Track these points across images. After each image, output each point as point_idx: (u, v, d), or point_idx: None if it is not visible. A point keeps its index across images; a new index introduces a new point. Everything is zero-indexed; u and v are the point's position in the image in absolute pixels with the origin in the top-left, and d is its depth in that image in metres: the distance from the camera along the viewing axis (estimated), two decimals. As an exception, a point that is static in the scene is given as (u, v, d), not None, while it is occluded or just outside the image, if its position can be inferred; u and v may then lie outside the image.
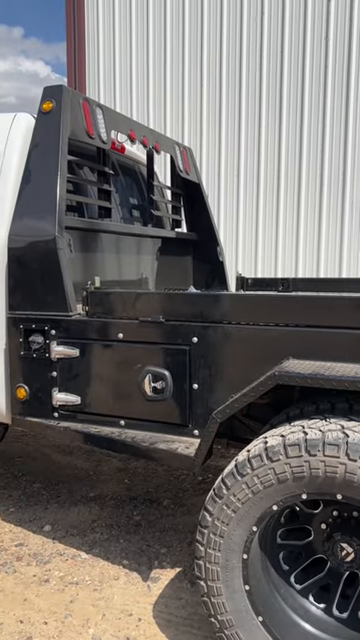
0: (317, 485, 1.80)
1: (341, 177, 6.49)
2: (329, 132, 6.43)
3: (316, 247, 6.83)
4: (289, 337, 2.17)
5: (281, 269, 7.05)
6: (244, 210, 6.94)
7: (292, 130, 6.56)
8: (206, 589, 1.97)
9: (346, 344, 2.06)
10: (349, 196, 6.51)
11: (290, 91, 6.53)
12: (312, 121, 6.51)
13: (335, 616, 2.00)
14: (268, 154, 6.73)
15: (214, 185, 6.97)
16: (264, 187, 6.81)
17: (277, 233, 6.88)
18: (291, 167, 6.66)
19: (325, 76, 6.39)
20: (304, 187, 6.62)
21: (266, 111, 6.62)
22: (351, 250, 6.65)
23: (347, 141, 6.42)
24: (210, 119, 6.88)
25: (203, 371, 2.35)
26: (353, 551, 1.96)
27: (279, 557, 2.08)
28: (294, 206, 6.73)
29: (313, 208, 6.66)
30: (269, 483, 1.85)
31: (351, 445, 1.75)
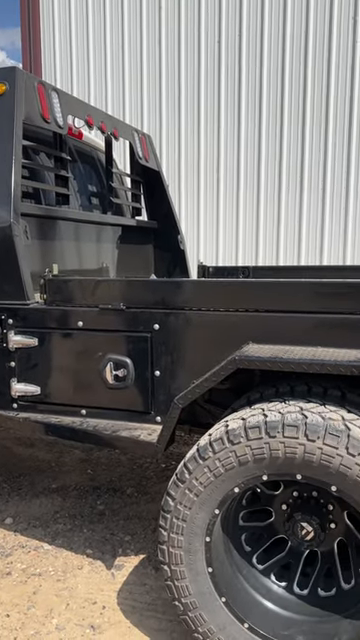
0: (277, 466, 1.83)
1: (299, 168, 6.59)
2: (287, 125, 6.50)
3: (275, 236, 6.92)
4: (249, 322, 2.19)
5: (242, 258, 7.12)
6: (205, 199, 6.95)
7: (251, 118, 6.59)
8: (170, 573, 1.99)
9: (304, 328, 2.09)
10: (307, 187, 6.61)
11: (249, 75, 6.53)
12: (270, 111, 6.55)
13: (296, 593, 2.05)
14: (228, 143, 6.75)
15: (174, 173, 6.94)
16: (224, 176, 6.83)
17: (237, 222, 6.93)
18: (250, 156, 6.70)
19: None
20: (263, 176, 6.68)
21: (225, 97, 6.62)
22: (309, 239, 6.77)
23: (304, 132, 6.50)
24: (169, 106, 6.83)
25: (165, 358, 2.35)
26: (312, 530, 2.01)
27: (241, 539, 2.12)
28: (254, 195, 6.79)
29: (272, 197, 6.73)
30: (230, 466, 1.88)
31: (309, 426, 1.79)
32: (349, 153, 6.49)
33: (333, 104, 6.42)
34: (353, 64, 6.30)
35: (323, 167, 6.55)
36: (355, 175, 6.50)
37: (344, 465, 1.74)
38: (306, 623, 1.95)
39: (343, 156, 6.50)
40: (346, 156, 6.48)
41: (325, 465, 1.76)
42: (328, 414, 1.84)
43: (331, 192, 6.56)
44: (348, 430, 1.77)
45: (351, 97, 6.36)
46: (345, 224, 6.64)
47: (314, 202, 6.64)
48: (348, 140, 6.52)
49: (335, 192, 6.59)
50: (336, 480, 1.76)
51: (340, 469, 1.74)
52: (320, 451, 1.76)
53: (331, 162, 6.56)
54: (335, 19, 6.22)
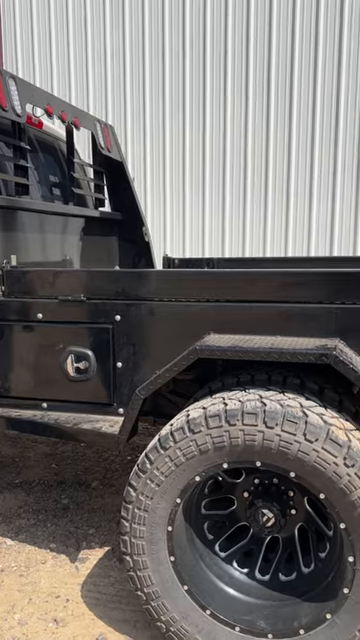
0: (237, 454, 1.85)
1: (264, 162, 6.63)
2: (251, 118, 6.53)
3: (241, 228, 6.96)
4: (210, 312, 2.19)
5: (208, 250, 7.14)
6: (170, 191, 6.94)
7: (216, 109, 6.59)
8: (132, 564, 1.99)
9: (264, 318, 2.11)
10: (272, 180, 6.67)
11: (213, 64, 6.52)
12: (235, 102, 6.56)
13: (257, 579, 2.08)
14: (193, 135, 6.74)
15: (140, 166, 6.90)
16: (190, 167, 6.82)
17: (204, 214, 6.94)
18: (216, 149, 6.71)
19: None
20: (228, 168, 6.71)
21: (190, 88, 6.60)
22: (274, 231, 6.84)
23: (268, 127, 6.54)
24: (134, 98, 6.77)
25: (127, 349, 2.33)
26: (273, 516, 2.03)
27: (204, 527, 2.13)
28: (219, 188, 6.81)
29: (238, 189, 6.77)
30: (191, 455, 1.88)
31: (268, 413, 1.81)
32: (312, 152, 6.57)
33: (297, 94, 6.48)
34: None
35: (287, 164, 6.62)
36: (318, 175, 6.61)
37: (302, 451, 1.76)
38: (267, 607, 1.98)
39: (307, 154, 6.59)
40: (309, 155, 6.57)
41: (283, 451, 1.78)
42: (287, 401, 1.86)
43: (295, 188, 6.64)
44: (306, 417, 1.79)
45: (314, 84, 6.43)
46: (309, 219, 6.74)
47: (279, 196, 6.70)
48: (311, 138, 6.59)
49: (299, 189, 6.68)
50: (295, 466, 1.79)
51: (298, 455, 1.77)
52: (278, 438, 1.78)
53: (295, 160, 6.63)
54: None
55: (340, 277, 2.07)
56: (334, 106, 6.50)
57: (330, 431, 1.76)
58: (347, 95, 6.59)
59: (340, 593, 1.80)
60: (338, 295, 2.03)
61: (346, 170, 6.57)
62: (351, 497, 1.73)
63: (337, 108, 6.56)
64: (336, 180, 6.59)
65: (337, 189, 6.65)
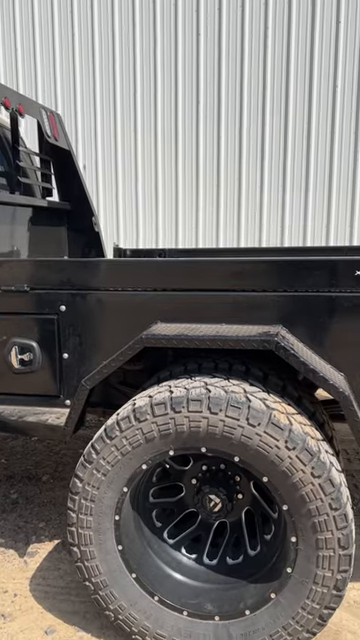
0: (183, 440, 1.86)
1: (215, 153, 6.66)
2: (202, 108, 6.53)
3: (194, 219, 6.98)
4: (157, 301, 2.19)
5: (162, 241, 7.13)
6: (123, 181, 6.87)
7: (167, 94, 6.56)
8: (79, 554, 1.98)
9: (210, 306, 2.12)
10: (223, 171, 6.71)
11: (164, 51, 6.48)
12: (186, 91, 6.55)
13: (205, 564, 2.11)
14: (145, 123, 6.69)
15: (91, 154, 6.80)
16: (142, 157, 6.77)
17: (157, 205, 6.92)
18: (168, 137, 6.69)
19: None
20: (181, 157, 6.70)
21: (141, 72, 6.53)
22: (227, 221, 6.90)
23: (219, 119, 6.56)
24: (84, 83, 6.65)
25: (73, 340, 2.30)
26: (220, 501, 2.06)
27: (152, 515, 2.14)
28: (172, 178, 6.80)
29: (190, 180, 6.77)
30: (137, 443, 1.89)
31: (212, 399, 1.83)
32: (262, 145, 6.64)
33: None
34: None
35: (238, 156, 6.68)
36: (268, 168, 6.69)
37: (245, 435, 1.79)
38: (214, 591, 2.01)
39: (257, 147, 6.65)
40: (260, 148, 6.64)
41: (227, 436, 1.81)
42: (231, 387, 1.89)
43: (247, 180, 6.71)
44: (249, 402, 1.83)
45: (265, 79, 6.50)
46: (260, 210, 6.83)
47: (230, 188, 6.76)
48: (262, 132, 6.65)
49: (250, 181, 6.75)
50: (238, 450, 1.82)
51: (242, 440, 1.80)
52: (222, 423, 1.81)
53: (245, 152, 6.69)
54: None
55: (282, 265, 2.11)
56: (283, 101, 6.59)
57: (272, 415, 1.80)
58: (296, 90, 6.68)
59: (284, 573, 1.85)
60: (281, 283, 2.07)
61: (295, 164, 6.69)
62: (292, 479, 1.77)
63: (286, 103, 6.65)
64: (286, 174, 6.70)
65: (287, 183, 6.75)
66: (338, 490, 1.77)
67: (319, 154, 6.72)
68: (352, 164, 6.76)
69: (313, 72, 6.71)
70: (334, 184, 6.79)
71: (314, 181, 6.80)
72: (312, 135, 6.66)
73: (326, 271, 2.02)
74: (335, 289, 2.01)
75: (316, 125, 6.68)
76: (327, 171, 6.80)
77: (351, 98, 6.67)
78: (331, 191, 6.78)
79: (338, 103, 6.69)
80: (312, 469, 1.76)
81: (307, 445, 1.78)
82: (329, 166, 6.79)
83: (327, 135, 6.68)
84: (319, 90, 6.60)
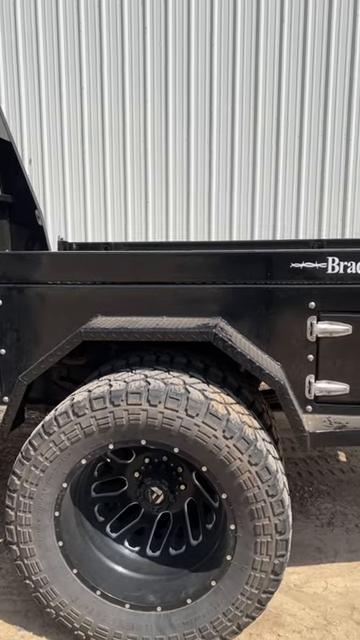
0: (122, 434, 1.86)
1: (164, 145, 6.64)
2: (150, 95, 6.50)
3: (144, 212, 6.96)
4: (97, 295, 2.17)
5: (111, 235, 7.07)
6: (70, 173, 6.76)
7: (114, 86, 6.48)
8: (19, 552, 1.94)
9: (151, 299, 2.12)
10: (172, 165, 6.70)
11: (110, 36, 6.40)
12: (133, 79, 6.50)
13: (149, 556, 2.12)
14: (92, 115, 6.58)
15: (37, 146, 6.65)
16: (89, 150, 6.68)
17: (105, 198, 6.84)
18: (115, 127, 6.62)
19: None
20: (129, 150, 6.65)
21: (87, 61, 6.43)
22: (176, 215, 6.91)
23: (168, 107, 6.54)
24: (28, 74, 6.49)
25: (10, 335, 2.25)
26: (162, 493, 2.07)
27: (94, 510, 2.13)
28: (120, 169, 6.74)
29: (139, 173, 6.73)
30: (76, 438, 1.87)
31: (152, 392, 1.83)
32: (210, 145, 6.68)
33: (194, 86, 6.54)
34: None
35: (187, 152, 6.70)
36: (216, 166, 6.75)
37: (184, 426, 1.81)
38: (157, 582, 2.02)
39: (204, 147, 6.70)
40: (207, 147, 6.68)
41: (167, 428, 1.82)
42: (171, 379, 1.90)
43: (195, 176, 6.74)
44: (188, 393, 1.84)
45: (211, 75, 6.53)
46: (209, 206, 6.88)
47: (179, 181, 6.76)
48: (209, 131, 6.69)
49: (199, 177, 6.78)
50: (178, 441, 1.83)
51: (181, 430, 1.81)
52: (162, 415, 1.82)
53: (194, 149, 6.71)
54: None
55: (220, 258, 2.13)
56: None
57: (210, 405, 1.82)
58: (242, 91, 6.75)
59: (223, 560, 1.88)
60: (219, 276, 2.09)
61: (242, 163, 6.79)
62: (230, 468, 1.80)
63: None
64: (233, 172, 6.78)
65: (235, 180, 6.83)
66: (274, 477, 1.82)
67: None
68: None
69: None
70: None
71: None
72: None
73: (262, 264, 2.06)
74: (271, 281, 2.05)
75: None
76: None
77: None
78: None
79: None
80: (249, 457, 1.80)
81: (244, 434, 1.81)
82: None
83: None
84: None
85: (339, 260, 2.00)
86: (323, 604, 2.22)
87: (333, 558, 2.50)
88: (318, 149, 6.98)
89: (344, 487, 3.10)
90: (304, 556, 2.51)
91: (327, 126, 7.00)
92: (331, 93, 7.08)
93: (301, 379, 2.07)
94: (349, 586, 2.32)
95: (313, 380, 2.06)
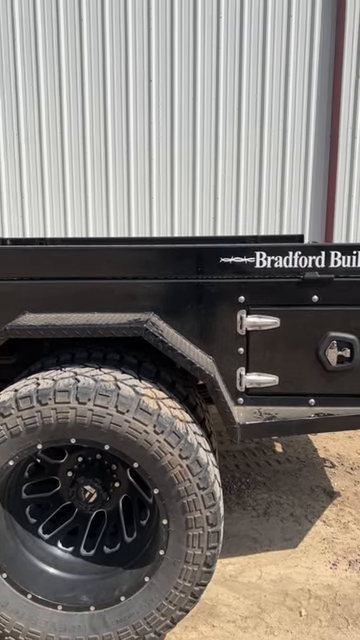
0: (50, 433, 1.81)
1: (103, 143, 6.58)
2: (88, 89, 6.42)
3: (84, 208, 6.87)
4: (24, 291, 2.11)
5: (50, 230, 6.96)
6: (6, 168, 6.59)
7: (50, 79, 6.35)
8: None
9: (82, 295, 2.09)
10: (111, 162, 6.66)
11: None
12: (70, 70, 6.38)
13: (83, 555, 2.09)
14: (28, 109, 6.43)
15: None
16: (25, 144, 6.53)
17: (44, 194, 6.72)
18: (52, 122, 6.50)
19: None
20: (67, 146, 6.54)
21: (21, 47, 6.27)
22: (117, 211, 6.87)
23: (106, 103, 6.48)
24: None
25: None
26: (95, 491, 2.04)
27: (25, 512, 2.07)
28: (59, 166, 6.63)
29: (78, 169, 6.64)
30: (2, 439, 1.81)
31: (81, 389, 1.80)
32: (149, 145, 6.68)
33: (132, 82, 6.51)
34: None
35: (127, 151, 6.69)
36: (156, 166, 6.78)
37: (114, 423, 1.79)
38: (91, 581, 2.00)
39: (144, 145, 6.71)
40: (147, 147, 6.68)
41: (97, 425, 1.79)
42: (101, 376, 1.87)
43: (135, 174, 6.72)
44: (118, 389, 1.82)
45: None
46: (150, 203, 6.90)
47: (119, 179, 6.72)
48: (149, 132, 6.68)
49: (139, 175, 6.77)
50: (108, 438, 1.81)
51: (111, 427, 1.79)
52: (91, 413, 1.79)
53: (133, 148, 6.69)
54: None
55: (152, 253, 2.13)
56: (169, 99, 6.65)
57: (141, 401, 1.81)
58: (180, 91, 6.78)
59: (156, 555, 1.87)
60: (150, 271, 2.08)
61: (183, 165, 6.85)
62: (162, 462, 1.80)
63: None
64: (173, 172, 6.82)
65: (175, 181, 6.86)
66: (205, 470, 1.83)
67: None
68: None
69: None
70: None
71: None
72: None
73: (193, 259, 2.07)
74: (202, 276, 2.07)
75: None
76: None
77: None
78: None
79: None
80: (180, 451, 1.80)
81: (175, 428, 1.81)
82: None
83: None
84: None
85: (266, 255, 2.04)
86: (257, 592, 2.27)
87: (268, 547, 2.55)
88: (256, 152, 7.15)
89: (280, 477, 3.18)
90: (240, 547, 2.56)
91: (264, 131, 7.19)
92: (267, 98, 7.25)
93: (232, 372, 2.10)
94: (282, 573, 2.38)
95: (244, 373, 2.10)
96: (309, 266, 2.02)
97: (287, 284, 2.04)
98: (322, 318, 2.03)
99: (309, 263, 2.02)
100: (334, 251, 2.01)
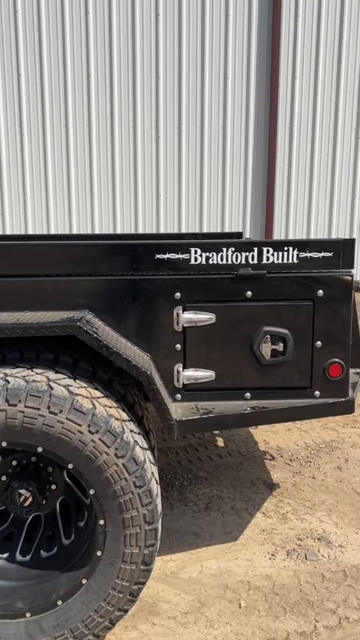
0: (-21, 437, 1.75)
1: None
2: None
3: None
4: None
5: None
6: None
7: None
8: None
9: (13, 292, 2.02)
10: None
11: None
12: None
13: (18, 561, 2.03)
14: None
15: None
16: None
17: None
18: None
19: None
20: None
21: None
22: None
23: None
24: None
25: None
26: (30, 495, 1.99)
27: None
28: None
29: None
30: None
31: (10, 390, 1.75)
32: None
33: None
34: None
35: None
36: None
37: (47, 424, 1.74)
38: (27, 587, 1.94)
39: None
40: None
41: (28, 427, 1.74)
42: (33, 377, 1.82)
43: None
44: (51, 390, 1.78)
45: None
46: (92, 201, 6.87)
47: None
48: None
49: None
50: (41, 440, 1.76)
51: (43, 429, 1.75)
52: (22, 414, 1.74)
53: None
54: None
55: (85, 250, 2.09)
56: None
57: (75, 401, 1.77)
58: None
59: (94, 557, 1.85)
60: (85, 268, 2.04)
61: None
62: (97, 462, 1.77)
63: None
64: (114, 172, 6.80)
65: (116, 180, 6.83)
66: (142, 468, 1.81)
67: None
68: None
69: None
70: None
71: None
72: None
73: (128, 255, 2.05)
74: (137, 272, 2.05)
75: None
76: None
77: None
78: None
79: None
80: (116, 450, 1.78)
81: (110, 427, 1.79)
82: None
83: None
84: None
85: (201, 251, 2.05)
86: (198, 587, 2.28)
87: (209, 542, 2.57)
88: (197, 152, 7.23)
89: (221, 471, 3.21)
90: (181, 542, 2.56)
91: (204, 132, 7.27)
92: (206, 98, 7.32)
93: (170, 368, 2.10)
94: (222, 567, 2.40)
95: (181, 369, 2.10)
96: (242, 262, 2.05)
97: (221, 280, 2.06)
98: (256, 313, 2.06)
99: (242, 259, 2.05)
100: (266, 247, 2.04)
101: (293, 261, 2.05)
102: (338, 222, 7.71)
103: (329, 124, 7.53)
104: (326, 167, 7.62)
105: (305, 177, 7.62)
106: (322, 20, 7.24)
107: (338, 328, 2.08)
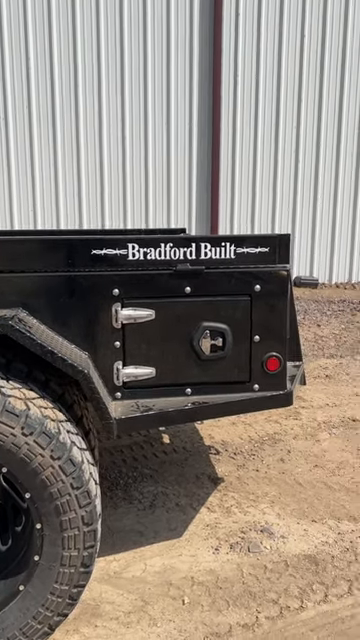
0: None
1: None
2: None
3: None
4: None
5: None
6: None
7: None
8: None
9: None
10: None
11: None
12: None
13: None
14: None
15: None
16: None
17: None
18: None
19: None
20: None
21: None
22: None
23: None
24: None
25: None
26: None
27: None
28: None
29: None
30: None
31: None
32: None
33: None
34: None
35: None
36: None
37: (-22, 428, 1.67)
38: None
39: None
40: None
41: None
42: None
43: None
44: (-17, 390, 1.70)
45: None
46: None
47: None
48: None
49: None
50: (-29, 445, 1.69)
51: (-25, 432, 1.67)
52: None
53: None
54: None
55: (18, 245, 2.02)
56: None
57: (7, 402, 1.71)
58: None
59: (31, 562, 1.79)
60: (17, 264, 1.97)
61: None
62: (32, 465, 1.71)
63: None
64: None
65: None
66: (80, 469, 1.77)
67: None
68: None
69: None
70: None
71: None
72: None
73: (63, 251, 1.99)
74: (73, 269, 2.00)
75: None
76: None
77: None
78: None
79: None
80: (51, 452, 1.73)
81: (45, 428, 1.74)
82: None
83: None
84: None
85: (139, 247, 2.02)
86: (141, 586, 2.26)
87: (153, 539, 2.56)
88: (141, 149, 7.22)
89: (167, 468, 3.20)
90: (125, 542, 2.54)
91: (148, 129, 7.26)
92: (150, 96, 7.31)
93: (109, 366, 2.06)
94: (166, 564, 2.39)
95: (121, 366, 2.06)
96: (181, 258, 2.03)
97: (160, 276, 2.03)
98: (195, 309, 2.05)
99: (181, 255, 2.03)
100: (204, 243, 2.04)
101: (230, 256, 2.05)
102: (281, 218, 7.87)
103: (270, 122, 7.67)
104: (269, 163, 7.75)
105: (249, 173, 7.73)
106: (262, 17, 7.35)
107: (275, 322, 2.11)
